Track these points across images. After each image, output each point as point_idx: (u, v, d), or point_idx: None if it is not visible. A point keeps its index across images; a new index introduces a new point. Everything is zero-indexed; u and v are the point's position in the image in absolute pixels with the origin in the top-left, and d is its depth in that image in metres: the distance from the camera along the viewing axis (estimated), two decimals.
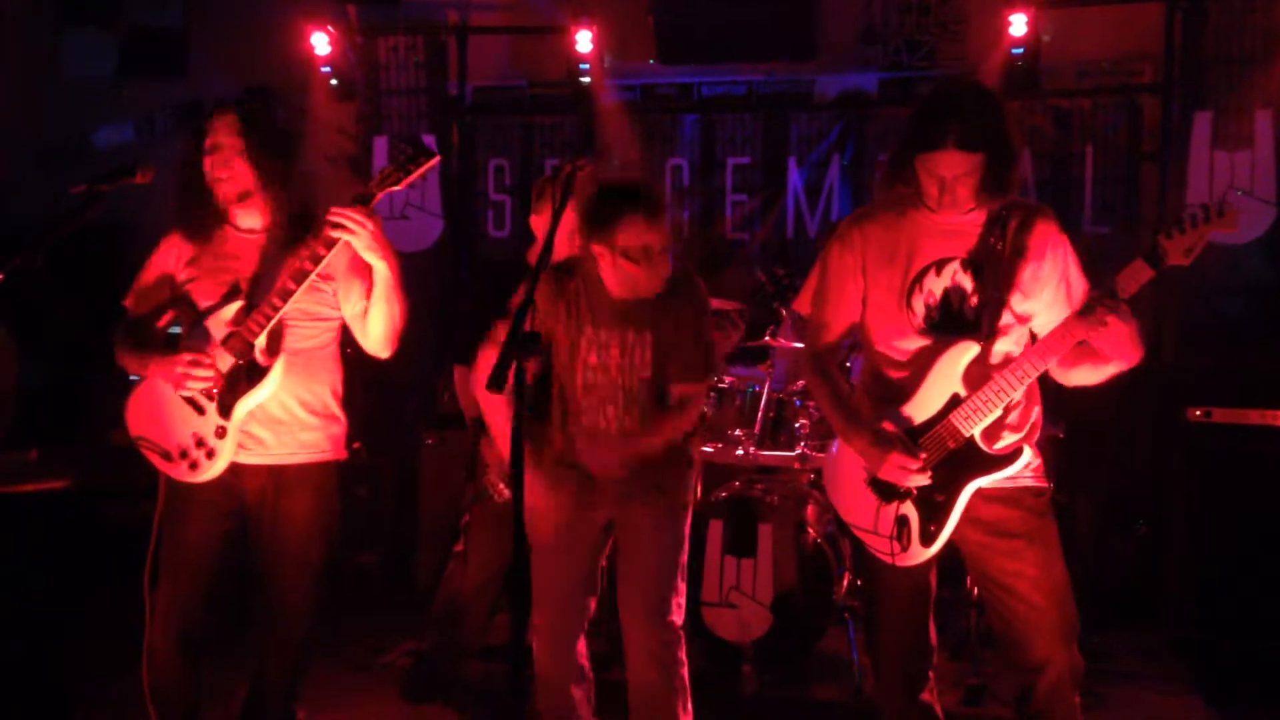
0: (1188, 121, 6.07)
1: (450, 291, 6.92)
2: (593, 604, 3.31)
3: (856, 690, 4.30)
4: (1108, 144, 6.41)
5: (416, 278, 6.92)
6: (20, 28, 7.49)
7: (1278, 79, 5.93)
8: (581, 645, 3.29)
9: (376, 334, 3.18)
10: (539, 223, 4.13)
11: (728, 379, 4.88)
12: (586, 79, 6.64)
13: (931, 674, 3.02)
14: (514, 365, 2.43)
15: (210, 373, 3.02)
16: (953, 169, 2.71)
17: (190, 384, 3.02)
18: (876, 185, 3.06)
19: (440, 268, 7.02)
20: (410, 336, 7.02)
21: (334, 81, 6.80)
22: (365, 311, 3.16)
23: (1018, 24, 5.99)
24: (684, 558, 3.25)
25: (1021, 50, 6.08)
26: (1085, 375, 2.82)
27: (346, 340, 3.26)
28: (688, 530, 3.29)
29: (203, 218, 3.15)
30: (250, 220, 3.17)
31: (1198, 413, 4.99)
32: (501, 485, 3.93)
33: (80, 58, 7.58)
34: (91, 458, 3.07)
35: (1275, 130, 5.93)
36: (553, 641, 3.21)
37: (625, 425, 3.20)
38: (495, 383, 2.38)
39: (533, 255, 4.18)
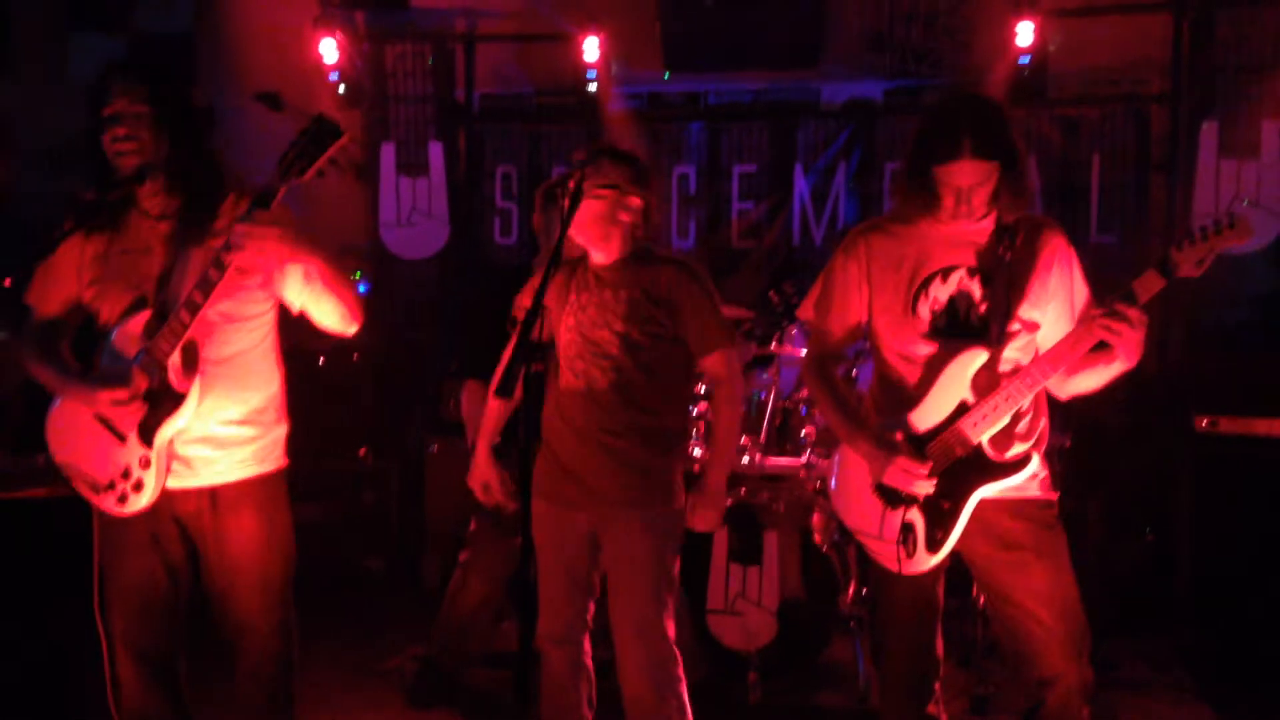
0: (1195, 131, 6.06)
1: (456, 298, 6.94)
2: (591, 605, 3.27)
3: (861, 699, 4.29)
4: (1115, 153, 6.39)
5: (422, 284, 7.05)
6: (28, 31, 7.51)
7: None
8: (586, 646, 3.28)
9: (329, 323, 2.96)
10: (542, 226, 4.14)
11: None
12: (594, 87, 6.64)
13: (937, 686, 3.01)
14: (523, 373, 2.43)
15: (135, 406, 2.77)
16: (969, 179, 2.73)
17: (121, 422, 2.80)
18: (891, 195, 3.06)
19: (446, 274, 7.04)
20: (416, 343, 7.06)
21: (341, 88, 6.81)
22: (312, 298, 2.90)
23: (1024, 33, 5.99)
24: (675, 572, 3.19)
25: (1028, 59, 6.07)
26: (1087, 381, 2.81)
27: (355, 346, 3.10)
28: (678, 543, 3.22)
29: (105, 201, 2.83)
30: (157, 203, 2.87)
31: (1204, 422, 4.98)
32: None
33: (87, 62, 7.59)
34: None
35: None
36: (556, 644, 3.21)
37: (595, 380, 3.13)
38: (503, 390, 2.39)
39: (538, 261, 4.20)
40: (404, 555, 6.06)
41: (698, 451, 4.53)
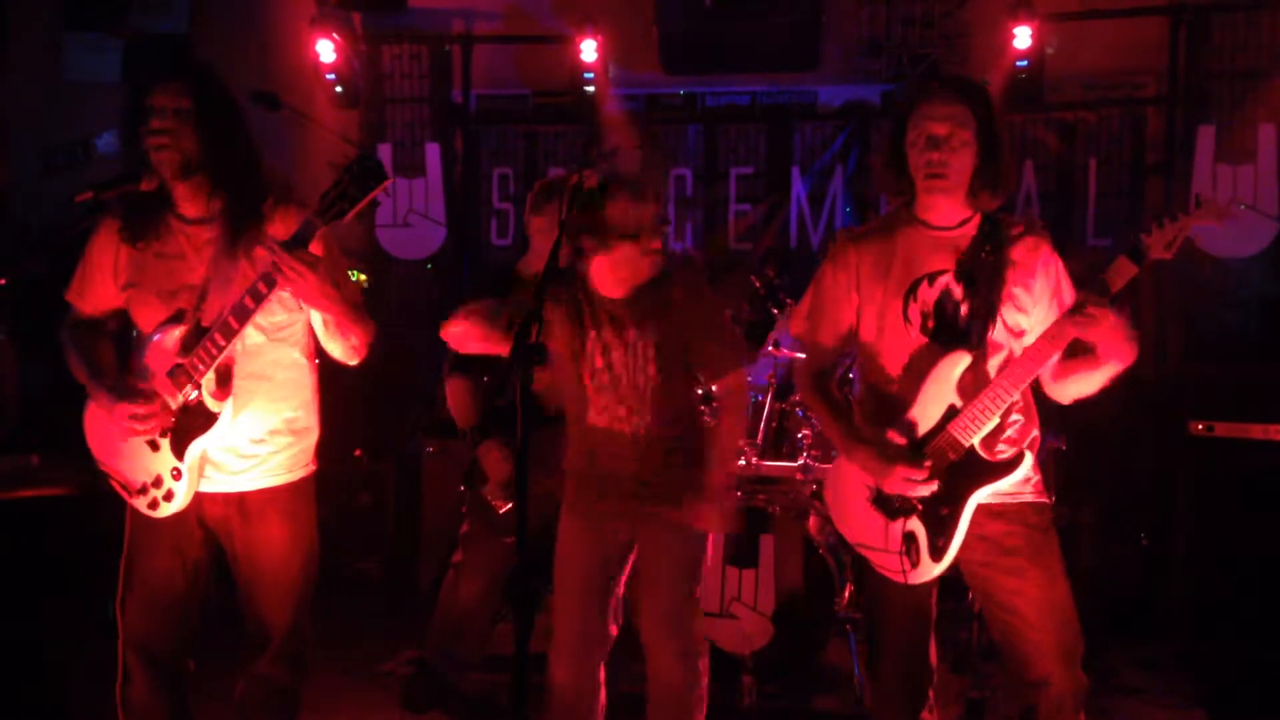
0: (1191, 135, 6.08)
1: (452, 299, 6.92)
2: (613, 626, 3.28)
3: (857, 701, 4.29)
4: (1111, 157, 6.41)
5: (419, 285, 7.04)
6: (24, 31, 7.49)
7: None
8: (601, 670, 3.27)
9: (336, 354, 3.02)
10: (537, 224, 4.13)
11: None
12: (591, 88, 6.64)
13: (931, 692, 3.01)
14: (520, 375, 2.43)
15: (154, 423, 2.79)
16: (943, 124, 2.73)
17: (134, 436, 2.81)
18: (874, 181, 3.07)
19: (443, 275, 7.03)
20: (412, 344, 7.06)
21: (338, 89, 6.80)
22: (325, 332, 2.97)
23: (1022, 37, 5.99)
24: (704, 571, 3.24)
25: (1025, 63, 6.08)
26: (1080, 385, 2.81)
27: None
28: (710, 544, 3.27)
29: (143, 203, 2.82)
30: (195, 206, 2.86)
31: (1200, 427, 4.99)
32: (498, 499, 3.94)
33: (84, 62, 7.58)
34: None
35: (1278, 144, 5.93)
36: (575, 660, 3.18)
37: (638, 426, 3.16)
38: (501, 393, 2.39)
39: (525, 263, 4.21)
40: (399, 557, 6.05)
41: None
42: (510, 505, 3.91)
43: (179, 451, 2.82)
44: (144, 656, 2.94)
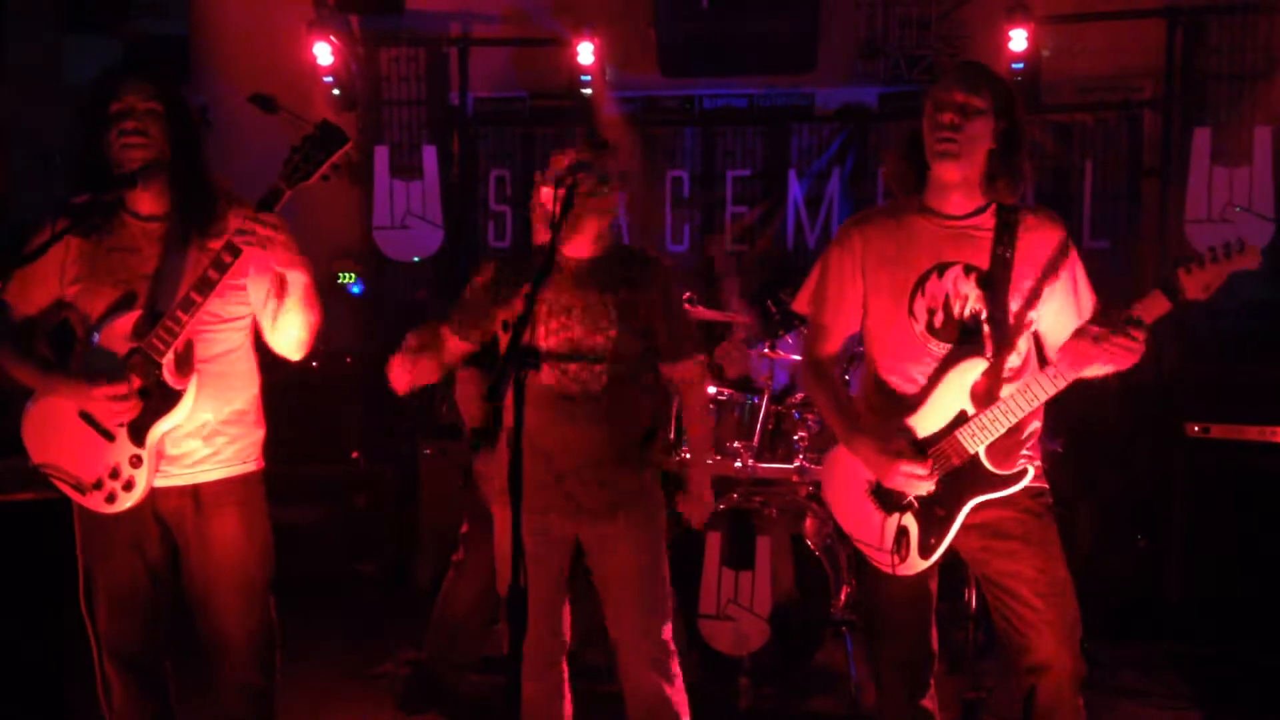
0: (1187, 137, 6.09)
1: (450, 301, 6.93)
2: (566, 614, 3.25)
3: (853, 703, 4.30)
4: (1108, 159, 6.44)
5: (415, 287, 7.04)
6: (23, 32, 7.50)
7: (1277, 95, 5.95)
8: (563, 664, 3.26)
9: (291, 340, 2.96)
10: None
11: (725, 391, 4.89)
12: (588, 90, 6.65)
13: (932, 681, 3.01)
14: (512, 379, 2.43)
15: (133, 402, 2.76)
16: (958, 92, 2.71)
17: (114, 419, 2.78)
18: (887, 175, 3.04)
19: (440, 278, 7.04)
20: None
21: (336, 91, 6.80)
22: (275, 312, 2.91)
23: (1018, 39, 6.00)
24: (665, 572, 3.20)
25: (1022, 65, 6.09)
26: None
27: (348, 350, 3.10)
28: (664, 544, 3.22)
29: (98, 199, 2.79)
30: (151, 204, 2.86)
31: (1196, 428, 5.00)
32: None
33: (84, 63, 7.58)
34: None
35: (1275, 146, 5.94)
36: (538, 650, 3.14)
37: (588, 384, 3.08)
38: (492, 395, 2.39)
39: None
40: (397, 559, 6.05)
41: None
42: None
43: (138, 438, 2.79)
44: (121, 661, 2.93)
